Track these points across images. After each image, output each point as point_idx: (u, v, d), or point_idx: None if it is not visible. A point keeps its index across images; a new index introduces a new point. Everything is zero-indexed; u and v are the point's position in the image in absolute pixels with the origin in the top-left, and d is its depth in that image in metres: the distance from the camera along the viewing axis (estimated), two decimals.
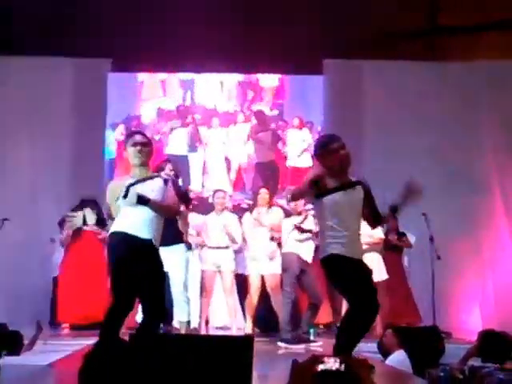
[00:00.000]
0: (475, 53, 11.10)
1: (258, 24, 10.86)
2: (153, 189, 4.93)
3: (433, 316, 8.83)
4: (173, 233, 6.57)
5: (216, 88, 11.95)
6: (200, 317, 8.24)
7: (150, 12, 10.91)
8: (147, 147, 5.00)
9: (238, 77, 11.96)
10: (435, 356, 5.73)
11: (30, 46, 10.56)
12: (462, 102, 10.80)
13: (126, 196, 4.81)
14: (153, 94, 11.96)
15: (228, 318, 8.48)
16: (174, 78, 11.98)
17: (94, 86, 10.78)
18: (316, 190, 4.62)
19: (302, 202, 7.45)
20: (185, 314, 6.73)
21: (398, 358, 5.83)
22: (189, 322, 7.18)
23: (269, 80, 11.95)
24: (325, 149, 4.75)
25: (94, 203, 8.70)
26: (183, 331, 6.69)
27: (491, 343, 5.21)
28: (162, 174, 5.23)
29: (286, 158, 11.54)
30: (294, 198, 5.29)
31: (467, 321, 10.32)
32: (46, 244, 9.58)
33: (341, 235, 4.61)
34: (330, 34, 10.89)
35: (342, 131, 10.39)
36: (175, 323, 7.05)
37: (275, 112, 11.90)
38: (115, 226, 4.93)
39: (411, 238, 9.39)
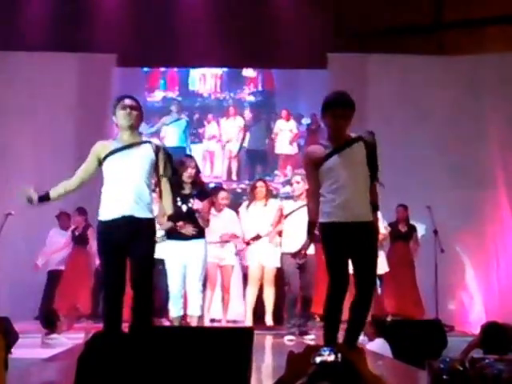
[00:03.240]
0: (480, 47, 11.07)
1: (259, 18, 10.88)
2: (141, 155, 4.80)
3: (436, 309, 8.84)
4: (195, 227, 6.55)
5: (208, 80, 12.22)
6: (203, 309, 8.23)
7: (150, 8, 10.95)
8: (137, 111, 4.86)
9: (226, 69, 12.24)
10: (418, 349, 5.75)
11: (34, 41, 10.60)
12: (467, 95, 10.78)
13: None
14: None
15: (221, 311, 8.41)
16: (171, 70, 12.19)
17: (100, 80, 10.80)
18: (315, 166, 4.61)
19: (301, 185, 7.35)
20: (198, 307, 6.69)
21: (377, 345, 5.95)
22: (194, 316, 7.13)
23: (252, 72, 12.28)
24: (325, 109, 4.69)
25: None
26: (194, 324, 6.64)
27: (493, 335, 5.19)
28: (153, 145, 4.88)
29: (274, 146, 11.97)
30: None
31: (470, 314, 10.33)
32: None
33: (337, 199, 4.52)
34: (335, 28, 10.89)
35: None
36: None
37: (259, 99, 12.27)
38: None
39: (419, 232, 9.43)
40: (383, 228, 8.48)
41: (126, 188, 4.72)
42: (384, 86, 10.85)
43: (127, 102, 4.85)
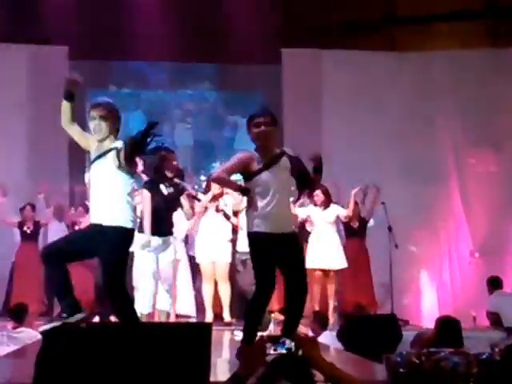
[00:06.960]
0: (430, 43, 11.24)
1: (214, 13, 10.84)
2: (107, 164, 4.58)
3: (391, 304, 8.91)
4: (166, 225, 6.51)
5: (164, 75, 12.10)
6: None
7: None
8: (106, 121, 4.59)
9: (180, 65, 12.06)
10: (374, 343, 5.83)
11: None
12: (420, 91, 10.92)
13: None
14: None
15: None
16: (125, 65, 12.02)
17: (51, 73, 10.59)
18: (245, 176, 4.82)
19: None
20: (168, 303, 6.73)
21: (326, 338, 6.04)
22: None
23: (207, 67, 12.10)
24: (249, 122, 4.84)
25: None
26: (163, 318, 6.63)
27: (448, 329, 5.28)
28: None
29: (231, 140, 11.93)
30: (220, 182, 5.50)
31: (424, 308, 10.45)
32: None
33: (264, 212, 4.71)
34: (289, 24, 10.91)
35: (300, 120, 10.59)
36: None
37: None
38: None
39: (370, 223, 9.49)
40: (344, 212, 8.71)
41: (96, 197, 4.70)
42: (337, 82, 10.91)
43: (96, 112, 4.61)
